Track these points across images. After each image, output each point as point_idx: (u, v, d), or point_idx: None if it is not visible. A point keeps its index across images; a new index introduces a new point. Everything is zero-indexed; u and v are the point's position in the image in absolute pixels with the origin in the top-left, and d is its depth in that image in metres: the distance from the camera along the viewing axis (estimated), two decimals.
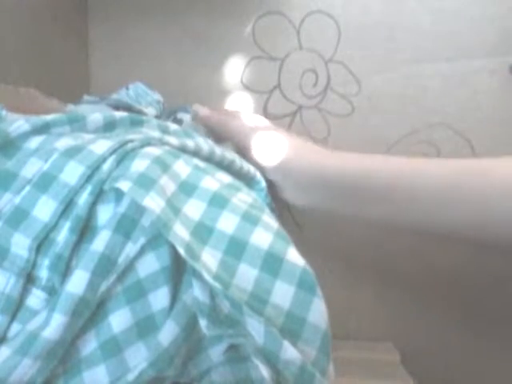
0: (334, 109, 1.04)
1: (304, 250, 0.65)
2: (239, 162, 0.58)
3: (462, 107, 0.99)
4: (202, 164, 0.51)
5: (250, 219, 0.45)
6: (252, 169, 0.61)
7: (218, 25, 1.02)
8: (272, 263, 0.42)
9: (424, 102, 1.01)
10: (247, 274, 0.42)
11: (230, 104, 1.05)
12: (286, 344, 0.39)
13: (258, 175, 0.62)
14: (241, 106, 1.04)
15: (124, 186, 0.42)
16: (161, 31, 1.03)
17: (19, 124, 0.47)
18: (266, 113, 1.05)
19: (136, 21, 1.03)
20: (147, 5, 1.03)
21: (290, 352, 0.39)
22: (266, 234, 0.44)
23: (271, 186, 0.66)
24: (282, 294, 0.41)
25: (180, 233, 0.42)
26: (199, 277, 0.42)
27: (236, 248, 0.42)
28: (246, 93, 1.04)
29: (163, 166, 0.45)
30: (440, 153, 1.01)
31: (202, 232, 0.43)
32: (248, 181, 0.59)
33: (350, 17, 1.02)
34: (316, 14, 1.03)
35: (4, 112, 0.49)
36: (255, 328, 0.40)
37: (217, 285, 0.40)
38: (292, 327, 0.41)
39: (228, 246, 0.42)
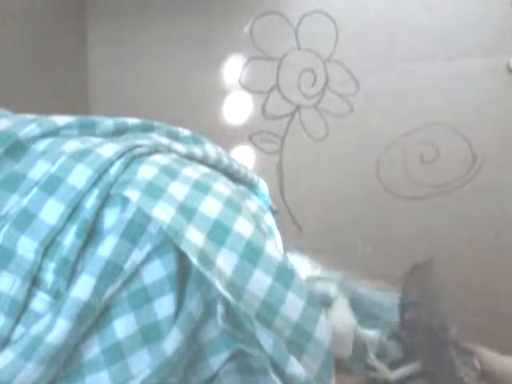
0: (332, 108, 1.04)
1: (304, 250, 0.66)
2: (244, 170, 0.59)
3: (461, 107, 0.99)
4: (207, 171, 0.51)
5: (261, 228, 0.46)
6: (255, 177, 0.61)
7: (216, 25, 1.02)
8: (285, 275, 0.43)
9: (422, 101, 1.01)
10: (261, 281, 0.42)
11: (228, 104, 1.05)
12: (293, 359, 0.40)
13: (261, 182, 0.63)
14: (239, 106, 1.05)
15: (133, 195, 0.42)
16: (159, 32, 1.03)
17: (31, 128, 0.46)
18: (264, 113, 1.05)
19: (134, 22, 1.02)
20: (146, 6, 1.02)
21: (295, 367, 0.40)
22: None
23: None
24: (293, 306, 0.42)
25: (193, 238, 0.42)
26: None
27: (252, 253, 0.43)
28: (245, 93, 1.05)
29: (171, 173, 0.45)
30: (439, 152, 1.01)
31: (220, 232, 0.43)
32: (251, 187, 0.60)
33: (347, 16, 1.02)
34: (314, 13, 1.03)
35: None
36: (264, 340, 0.40)
37: (229, 296, 0.40)
38: (298, 340, 0.42)
39: (245, 249, 0.43)
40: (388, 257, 1.03)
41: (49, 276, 0.42)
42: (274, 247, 0.44)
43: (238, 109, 1.05)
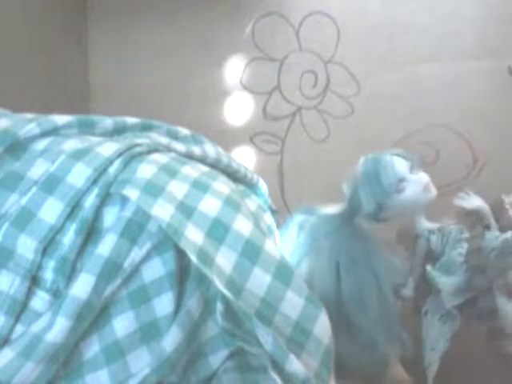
0: (333, 110, 1.04)
1: None
2: (244, 169, 0.59)
3: (461, 108, 0.99)
4: (207, 169, 0.51)
5: (260, 227, 0.46)
6: (255, 176, 0.62)
7: (217, 26, 1.02)
8: (284, 273, 0.43)
9: (423, 102, 1.01)
10: (260, 279, 0.43)
11: (229, 104, 1.05)
12: (292, 357, 0.41)
13: (260, 181, 0.63)
14: (240, 107, 1.04)
15: (132, 194, 0.42)
16: (160, 32, 1.03)
17: (30, 127, 0.47)
18: (265, 114, 1.05)
19: (136, 22, 1.02)
20: (147, 6, 1.02)
21: (295, 365, 0.41)
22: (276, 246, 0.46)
23: None
24: (292, 304, 0.43)
25: (192, 236, 0.42)
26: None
27: (251, 251, 0.43)
28: (246, 94, 1.05)
29: (170, 172, 0.46)
30: (439, 154, 1.01)
31: (219, 230, 0.43)
32: (250, 186, 0.60)
33: (349, 18, 1.02)
34: (315, 15, 1.03)
35: None
36: (264, 337, 0.41)
37: (228, 294, 0.41)
38: (298, 338, 0.43)
39: (244, 248, 0.43)
40: None
41: (48, 274, 0.42)
42: (274, 246, 0.44)
43: (239, 110, 1.05)
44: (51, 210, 0.43)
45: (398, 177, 0.65)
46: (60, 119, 0.49)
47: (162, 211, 0.42)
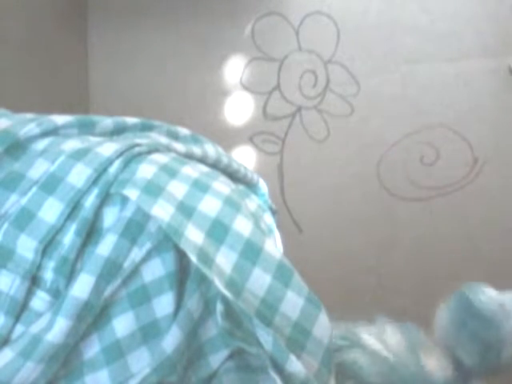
0: (333, 109, 1.04)
1: (303, 251, 0.65)
2: (244, 169, 0.59)
3: (462, 108, 0.99)
4: (207, 170, 0.51)
5: (260, 227, 0.46)
6: (255, 176, 0.62)
7: (217, 26, 1.02)
8: (284, 273, 0.43)
9: (423, 102, 1.01)
10: (260, 280, 0.43)
11: (229, 104, 1.05)
12: (292, 357, 0.41)
13: (261, 181, 0.63)
14: (240, 107, 1.05)
15: (132, 194, 0.42)
16: (160, 32, 1.03)
17: (30, 127, 0.47)
18: (265, 113, 1.05)
19: (136, 22, 1.02)
20: (147, 6, 1.03)
21: (295, 365, 0.41)
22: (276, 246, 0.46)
23: None
24: (292, 304, 0.43)
25: (192, 237, 0.42)
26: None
27: (251, 251, 0.43)
28: (246, 93, 1.05)
29: (171, 172, 0.46)
30: (439, 154, 1.01)
31: (219, 230, 0.43)
32: (251, 186, 0.61)
33: (349, 18, 1.02)
34: (315, 15, 1.03)
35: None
36: (264, 338, 0.41)
37: (228, 294, 0.41)
38: (298, 338, 0.43)
39: (244, 248, 0.43)
40: (389, 257, 1.03)
41: (48, 275, 0.42)
42: (274, 246, 0.44)
43: (238, 109, 1.06)
44: (51, 210, 0.43)
45: (497, 302, 0.55)
46: (60, 119, 0.49)
47: (162, 211, 0.42)
